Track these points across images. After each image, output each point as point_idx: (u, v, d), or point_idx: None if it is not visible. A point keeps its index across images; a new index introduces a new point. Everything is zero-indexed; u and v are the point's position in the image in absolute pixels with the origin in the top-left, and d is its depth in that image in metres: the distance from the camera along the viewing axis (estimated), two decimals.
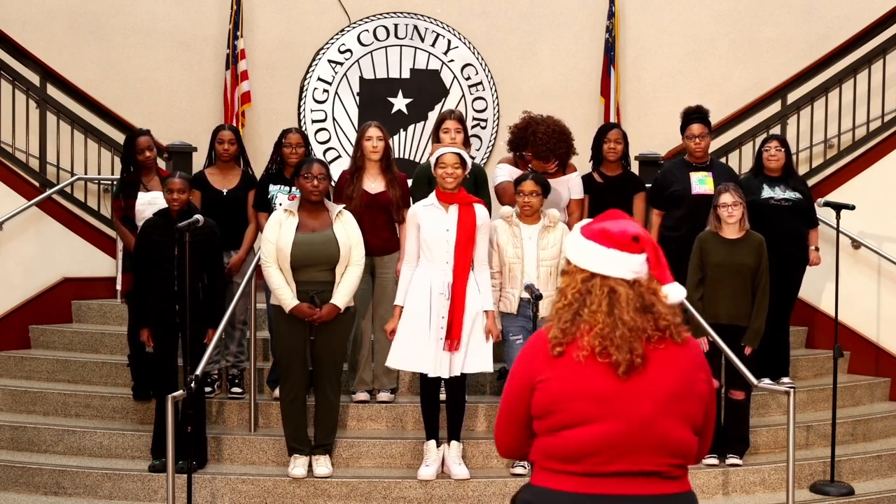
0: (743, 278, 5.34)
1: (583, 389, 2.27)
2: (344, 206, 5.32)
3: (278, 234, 5.03)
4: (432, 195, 5.09)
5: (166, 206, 5.33)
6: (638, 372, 2.27)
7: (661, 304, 2.33)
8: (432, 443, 5.16)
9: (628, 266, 2.33)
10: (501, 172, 5.72)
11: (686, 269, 5.55)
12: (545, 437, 2.33)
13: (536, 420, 2.35)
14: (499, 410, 2.46)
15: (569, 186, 5.73)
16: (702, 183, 5.95)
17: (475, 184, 5.54)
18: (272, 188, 5.86)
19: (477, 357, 5.01)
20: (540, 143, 5.49)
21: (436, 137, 5.68)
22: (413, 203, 5.35)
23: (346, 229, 5.11)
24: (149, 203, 5.71)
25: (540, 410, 2.32)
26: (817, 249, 6.31)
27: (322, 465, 5.15)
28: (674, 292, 2.36)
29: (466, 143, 5.65)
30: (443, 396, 5.21)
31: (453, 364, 4.97)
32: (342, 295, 5.06)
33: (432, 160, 5.09)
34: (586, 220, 2.52)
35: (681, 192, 5.95)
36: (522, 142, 5.63)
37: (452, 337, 4.93)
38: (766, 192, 6.14)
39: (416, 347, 4.97)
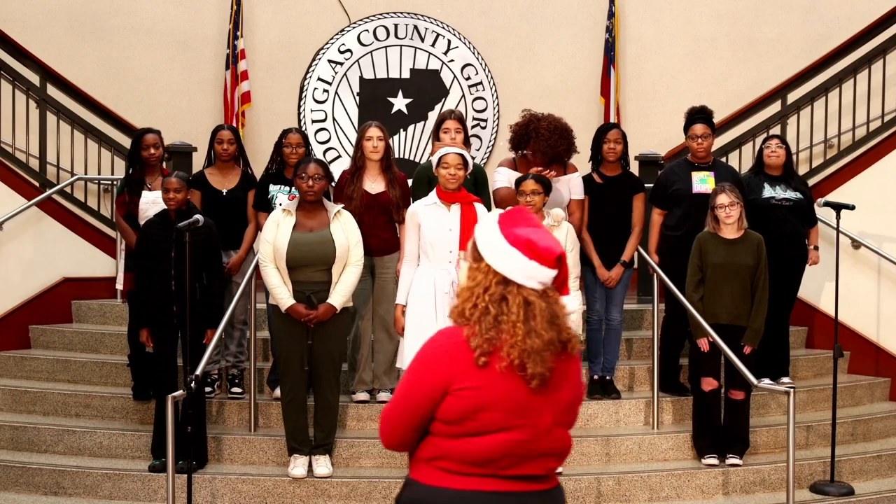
0: (742, 278, 5.34)
1: (499, 401, 2.28)
2: (343, 205, 5.31)
3: (276, 233, 5.04)
4: (433, 194, 5.08)
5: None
6: (546, 385, 2.29)
7: (563, 316, 2.34)
8: None
9: (540, 278, 2.32)
10: (500, 178, 5.71)
11: (686, 268, 5.55)
12: (447, 438, 2.32)
13: (442, 423, 2.32)
14: (394, 403, 2.38)
15: (570, 186, 5.73)
16: (703, 182, 5.96)
17: (475, 184, 5.54)
18: (272, 188, 5.86)
19: None
20: (542, 140, 5.49)
21: (436, 137, 5.68)
22: (413, 203, 5.35)
23: (345, 229, 5.11)
24: (152, 202, 5.73)
25: (452, 416, 2.30)
26: (817, 248, 6.33)
27: (322, 465, 5.16)
28: (570, 302, 2.38)
29: (466, 143, 5.64)
30: None
31: None
32: (339, 295, 5.06)
33: (434, 159, 5.08)
34: (497, 212, 2.47)
35: (682, 191, 5.96)
36: (524, 139, 5.63)
37: None
38: (768, 192, 6.15)
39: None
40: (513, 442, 2.28)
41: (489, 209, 5.51)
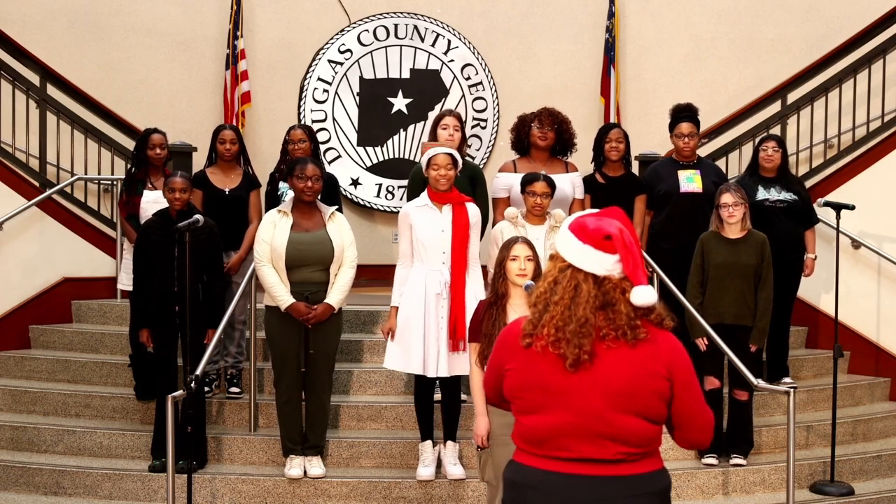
0: (746, 278, 5.35)
1: (537, 380, 2.40)
2: (337, 207, 5.31)
3: (273, 233, 5.04)
4: (424, 195, 5.05)
5: (167, 205, 5.34)
6: (586, 367, 2.36)
7: (624, 303, 2.39)
8: (428, 443, 5.16)
9: (600, 263, 2.40)
10: (499, 185, 5.71)
11: (680, 267, 5.54)
12: (518, 418, 2.48)
13: (511, 402, 2.50)
14: (486, 371, 2.66)
15: (572, 183, 5.73)
16: (690, 181, 5.96)
17: (472, 184, 5.52)
18: (281, 185, 5.86)
19: None
20: (546, 112, 5.64)
21: (432, 135, 5.64)
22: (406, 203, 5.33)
23: (339, 230, 5.13)
24: (153, 202, 5.76)
25: (507, 395, 2.49)
26: (815, 258, 6.30)
27: (315, 465, 5.16)
28: (639, 294, 2.38)
29: (463, 142, 5.63)
30: (438, 397, 5.20)
31: (455, 364, 4.96)
32: (336, 295, 5.07)
33: (423, 161, 5.07)
34: (585, 212, 2.55)
35: (669, 190, 5.95)
36: (525, 129, 5.68)
37: (458, 337, 4.91)
38: (762, 194, 6.13)
39: (412, 349, 4.96)
40: (556, 423, 2.37)
41: (486, 209, 5.51)
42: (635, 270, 2.38)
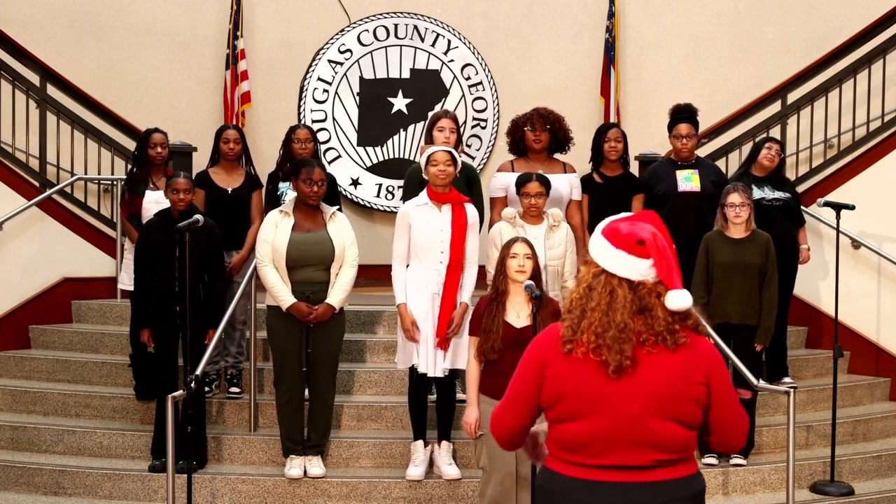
0: (751, 277, 5.36)
1: (577, 387, 2.36)
2: (338, 207, 5.32)
3: (274, 234, 5.05)
4: (423, 195, 5.05)
5: (168, 205, 5.35)
6: (627, 373, 2.33)
7: (660, 308, 2.37)
8: (420, 443, 5.15)
9: (634, 268, 2.38)
10: (496, 185, 5.73)
11: (679, 268, 5.55)
12: (553, 426, 2.44)
13: (545, 410, 2.44)
14: (504, 399, 2.51)
15: (570, 184, 5.73)
16: (688, 181, 5.96)
17: (467, 183, 5.52)
18: (281, 185, 5.86)
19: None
20: (537, 115, 5.65)
21: (428, 137, 5.64)
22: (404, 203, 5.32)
23: (340, 229, 5.14)
24: (155, 202, 5.77)
25: (546, 402, 2.42)
26: (808, 249, 6.36)
27: (315, 465, 5.16)
28: (675, 299, 2.36)
29: (460, 144, 5.63)
30: (433, 397, 5.20)
31: (455, 360, 4.96)
32: (337, 294, 5.08)
33: (423, 160, 5.07)
34: (620, 216, 2.53)
35: (667, 190, 5.96)
36: (519, 130, 5.69)
37: (439, 334, 4.92)
38: (757, 194, 6.14)
39: (416, 346, 4.96)
40: (593, 430, 2.35)
41: (481, 209, 5.51)
42: (670, 274, 2.37)
